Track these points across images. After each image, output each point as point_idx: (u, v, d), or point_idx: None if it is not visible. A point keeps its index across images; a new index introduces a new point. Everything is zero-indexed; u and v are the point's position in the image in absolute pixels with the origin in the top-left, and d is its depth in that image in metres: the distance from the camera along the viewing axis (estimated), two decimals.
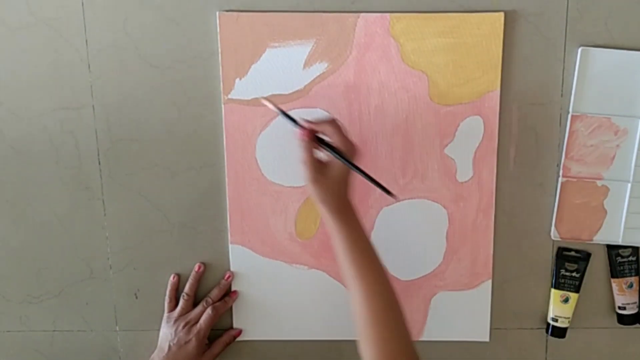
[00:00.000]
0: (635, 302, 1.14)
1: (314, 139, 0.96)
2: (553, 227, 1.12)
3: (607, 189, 1.10)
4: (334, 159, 0.95)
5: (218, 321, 1.15)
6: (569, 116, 1.07)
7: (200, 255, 1.14)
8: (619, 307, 1.14)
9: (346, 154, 0.95)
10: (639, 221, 1.10)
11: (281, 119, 1.00)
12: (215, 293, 1.15)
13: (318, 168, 0.95)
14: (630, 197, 1.10)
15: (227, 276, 1.15)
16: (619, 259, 1.13)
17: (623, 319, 1.15)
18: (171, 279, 1.15)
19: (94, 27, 1.06)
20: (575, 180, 1.10)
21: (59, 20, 1.06)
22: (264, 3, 1.04)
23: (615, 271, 1.13)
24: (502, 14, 1.03)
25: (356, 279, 0.95)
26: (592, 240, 1.12)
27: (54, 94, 1.08)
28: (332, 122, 0.96)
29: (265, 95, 1.07)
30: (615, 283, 1.13)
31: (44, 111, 1.09)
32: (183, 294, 1.14)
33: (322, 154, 0.97)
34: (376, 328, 0.94)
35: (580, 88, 1.06)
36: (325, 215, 0.97)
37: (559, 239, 1.13)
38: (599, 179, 1.10)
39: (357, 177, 0.97)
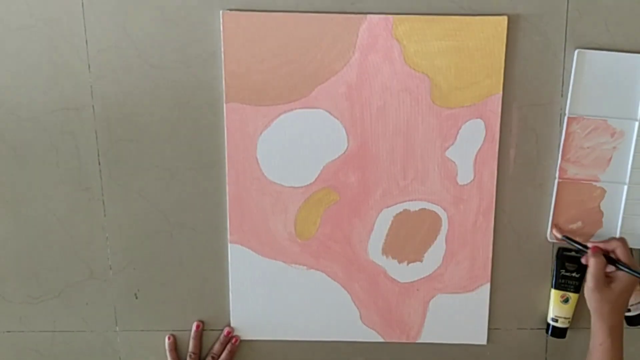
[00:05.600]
0: (639, 302, 1.15)
1: (603, 256, 1.06)
2: (549, 230, 1.13)
3: (604, 191, 1.11)
4: (620, 274, 1.05)
5: (215, 321, 1.17)
6: (566, 118, 1.08)
7: (200, 255, 1.14)
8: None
9: (636, 269, 1.04)
10: (635, 223, 1.11)
11: (283, 120, 1.04)
12: (217, 348, 1.17)
13: (603, 279, 1.04)
14: (626, 199, 1.11)
15: (227, 332, 1.17)
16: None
17: (631, 321, 1.15)
18: (167, 341, 1.17)
19: (94, 27, 1.05)
20: (571, 182, 1.11)
21: (59, 20, 1.05)
22: (263, 3, 1.04)
23: None
24: (505, 18, 1.03)
25: None
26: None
27: (54, 94, 1.07)
28: (620, 239, 1.07)
29: None
30: None
31: (44, 111, 1.08)
32: (189, 353, 1.16)
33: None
34: None
35: (577, 90, 1.07)
36: (596, 327, 1.05)
37: (556, 242, 1.13)
38: (596, 180, 1.11)
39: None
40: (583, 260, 1.08)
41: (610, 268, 1.06)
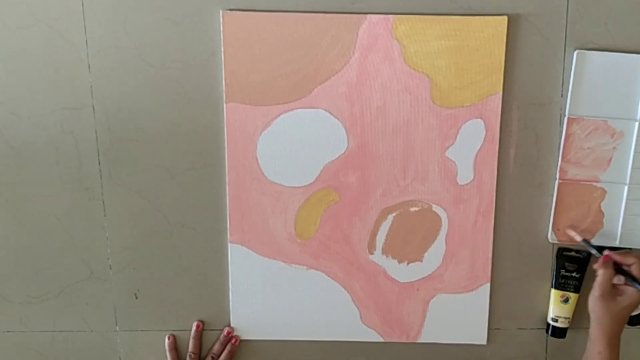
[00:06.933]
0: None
1: (613, 266, 1.06)
2: (550, 230, 1.13)
3: (604, 192, 1.11)
4: (630, 290, 1.04)
5: (215, 321, 1.17)
6: (566, 119, 1.08)
7: (200, 255, 1.14)
8: None
9: None
10: (636, 223, 1.11)
11: (283, 120, 1.06)
12: (217, 348, 1.17)
13: (609, 290, 1.04)
14: (627, 199, 1.11)
15: (227, 332, 1.17)
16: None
17: (631, 321, 1.15)
18: (167, 340, 1.17)
19: (94, 27, 1.06)
20: (572, 183, 1.11)
21: (59, 20, 1.05)
22: (263, 3, 1.04)
23: None
24: (505, 18, 1.03)
25: None
26: (590, 243, 1.13)
27: (54, 94, 1.08)
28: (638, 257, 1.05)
29: None
30: None
31: (44, 111, 1.08)
32: (189, 353, 1.16)
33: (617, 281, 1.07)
34: None
35: (577, 91, 1.07)
36: (595, 334, 1.05)
37: (557, 242, 1.14)
38: (596, 181, 1.11)
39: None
40: (595, 266, 1.07)
41: (620, 279, 1.06)
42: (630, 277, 1.05)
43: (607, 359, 1.04)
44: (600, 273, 1.05)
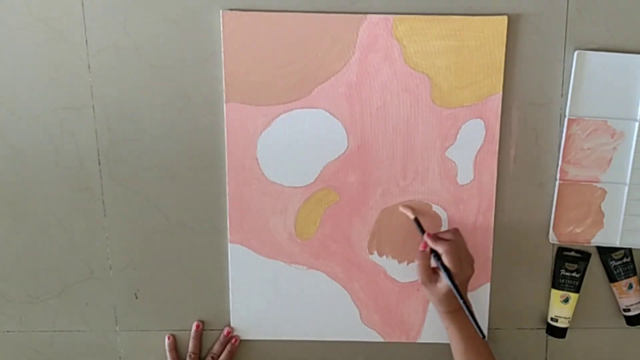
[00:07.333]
0: (639, 302, 1.15)
1: (430, 252, 1.07)
2: (551, 231, 1.13)
3: (605, 192, 1.11)
4: (443, 276, 1.04)
5: (215, 321, 1.17)
6: (566, 120, 1.08)
7: (200, 255, 1.14)
8: (624, 310, 1.15)
9: (453, 274, 1.03)
10: (636, 223, 1.11)
11: (283, 120, 1.06)
12: (216, 348, 1.17)
13: (429, 274, 1.06)
14: (627, 199, 1.11)
15: (226, 332, 1.17)
16: (613, 263, 1.14)
17: (632, 321, 1.15)
18: (167, 340, 1.17)
19: (94, 27, 1.06)
20: (572, 183, 1.11)
21: (59, 20, 1.05)
22: (263, 3, 1.04)
23: (612, 275, 1.14)
24: (505, 18, 1.03)
25: None
26: (590, 243, 1.13)
27: (54, 94, 1.07)
28: (450, 243, 1.05)
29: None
30: (615, 287, 1.15)
31: (44, 111, 1.08)
32: (189, 353, 1.16)
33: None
34: None
35: (577, 91, 1.07)
36: (437, 310, 1.09)
37: (557, 242, 1.14)
38: (597, 181, 1.11)
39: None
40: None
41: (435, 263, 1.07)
42: (441, 264, 1.05)
43: (455, 333, 1.06)
44: (417, 263, 1.07)
